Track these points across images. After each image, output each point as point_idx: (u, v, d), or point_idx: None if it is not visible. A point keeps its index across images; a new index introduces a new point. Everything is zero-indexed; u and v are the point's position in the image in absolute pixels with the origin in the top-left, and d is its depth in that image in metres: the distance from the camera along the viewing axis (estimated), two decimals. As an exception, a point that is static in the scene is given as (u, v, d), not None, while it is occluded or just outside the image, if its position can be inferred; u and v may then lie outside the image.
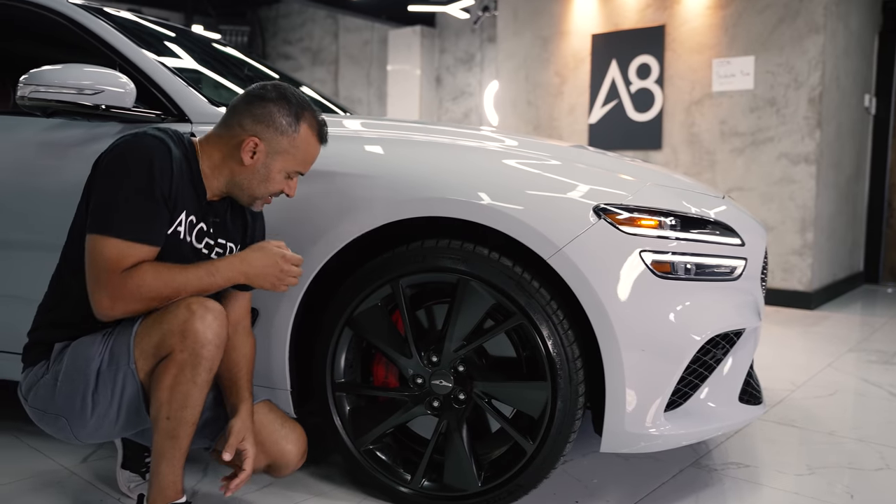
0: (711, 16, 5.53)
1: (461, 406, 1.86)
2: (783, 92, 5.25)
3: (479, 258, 1.79)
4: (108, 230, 1.55)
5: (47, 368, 1.69)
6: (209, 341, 1.57)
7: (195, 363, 1.57)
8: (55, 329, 1.72)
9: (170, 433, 1.60)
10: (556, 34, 6.36)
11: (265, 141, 1.70)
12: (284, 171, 1.73)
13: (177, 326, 1.56)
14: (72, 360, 1.65)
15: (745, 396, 2.04)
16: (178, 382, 1.57)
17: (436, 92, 9.25)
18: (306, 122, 1.73)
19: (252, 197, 1.75)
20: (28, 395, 1.72)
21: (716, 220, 1.91)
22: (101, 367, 1.63)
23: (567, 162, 1.94)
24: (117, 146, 1.62)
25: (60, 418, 1.67)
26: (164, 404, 1.58)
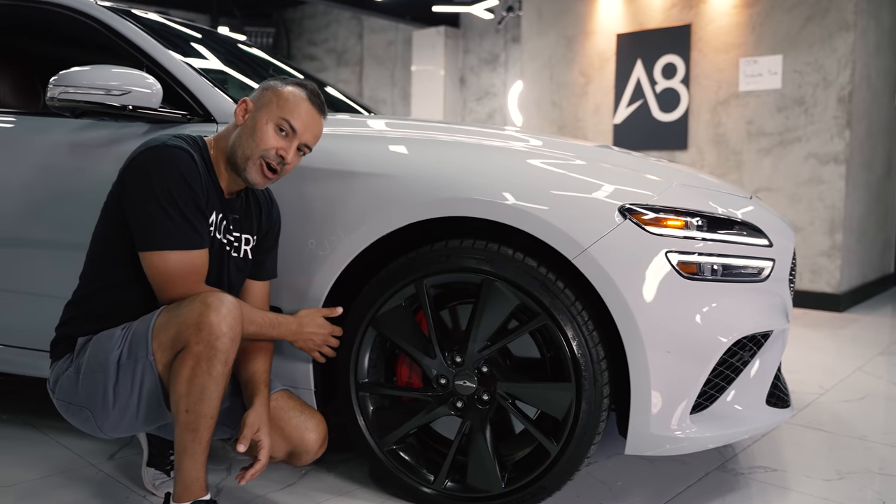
0: (738, 14, 5.47)
1: (485, 407, 1.86)
2: (812, 91, 5.17)
3: (504, 258, 1.78)
4: (164, 245, 1.63)
5: (71, 362, 1.73)
6: (224, 333, 1.58)
7: (210, 356, 1.58)
8: (81, 323, 1.75)
9: (189, 426, 1.62)
10: (580, 34, 6.33)
11: (254, 100, 1.80)
12: (271, 121, 1.76)
13: (192, 319, 1.58)
14: (93, 352, 1.69)
15: (773, 399, 2.01)
16: (195, 375, 1.58)
17: (460, 92, 9.25)
18: (294, 86, 1.80)
19: (244, 156, 1.76)
20: (55, 388, 1.76)
21: (743, 220, 1.88)
22: (121, 359, 1.66)
23: (592, 162, 1.93)
24: (144, 159, 1.67)
25: (84, 410, 1.71)
26: (183, 397, 1.60)
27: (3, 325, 2.33)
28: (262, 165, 1.76)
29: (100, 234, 1.77)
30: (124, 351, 1.66)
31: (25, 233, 2.24)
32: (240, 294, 1.90)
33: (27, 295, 2.27)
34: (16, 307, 2.29)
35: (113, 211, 1.72)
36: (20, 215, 2.24)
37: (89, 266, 1.79)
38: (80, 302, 1.78)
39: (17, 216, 2.25)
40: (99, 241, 1.77)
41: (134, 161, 1.68)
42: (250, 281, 1.92)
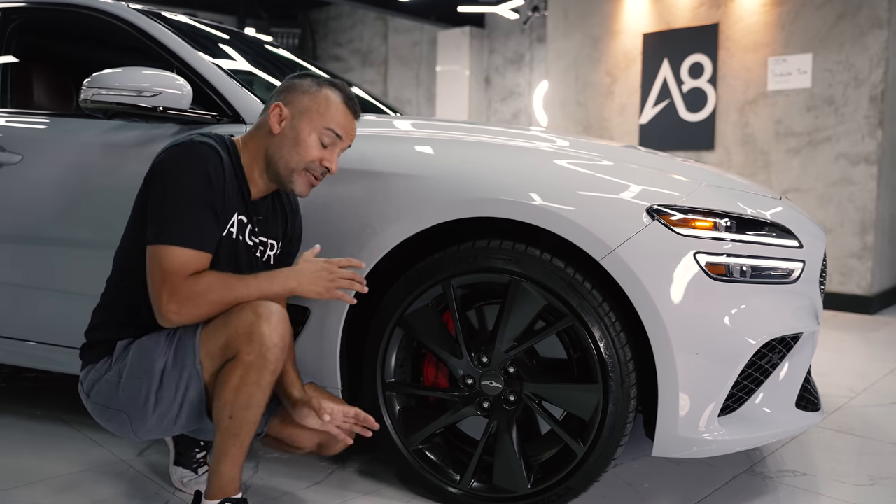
0: (767, 13, 5.41)
1: (511, 407, 1.86)
2: (842, 90, 5.10)
3: (531, 259, 1.78)
4: (171, 239, 1.60)
5: (110, 366, 1.73)
6: (275, 344, 1.60)
7: (261, 366, 1.60)
8: (117, 328, 1.76)
9: (232, 432, 1.63)
10: (606, 34, 6.30)
11: (289, 105, 1.74)
12: (314, 131, 1.72)
13: (243, 329, 1.59)
14: (136, 358, 1.69)
15: (803, 403, 1.99)
16: (244, 384, 1.60)
17: (485, 93, 9.24)
18: (329, 88, 1.76)
19: (288, 169, 1.73)
20: (91, 392, 1.77)
21: (772, 221, 1.87)
22: (167, 367, 1.66)
23: (619, 162, 1.92)
24: (170, 156, 1.66)
25: (122, 414, 1.72)
26: (228, 404, 1.62)
27: (38, 323, 2.37)
28: (309, 178, 1.76)
29: (129, 236, 1.77)
30: (170, 359, 1.67)
31: (59, 232, 2.28)
32: None
33: (61, 293, 2.31)
34: (50, 305, 2.33)
35: (140, 212, 1.72)
36: (54, 214, 2.28)
37: (119, 269, 1.79)
38: (111, 306, 1.78)
39: (52, 215, 2.29)
40: (128, 244, 1.76)
41: (161, 157, 1.67)
42: None
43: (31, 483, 2.05)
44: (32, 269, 2.35)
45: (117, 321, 1.76)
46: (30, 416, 2.59)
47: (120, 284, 1.78)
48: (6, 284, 2.39)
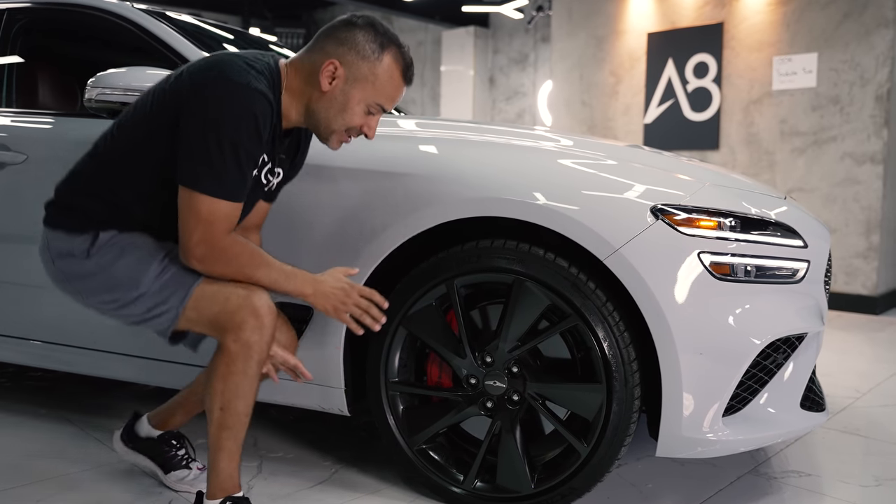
0: (772, 12, 5.40)
1: (515, 407, 1.85)
2: (848, 90, 5.08)
3: (535, 259, 1.78)
4: (214, 191, 1.54)
5: (88, 254, 1.67)
6: (263, 339, 1.62)
7: (247, 356, 1.61)
8: (100, 222, 1.68)
9: (224, 424, 1.65)
10: (611, 33, 6.29)
11: (345, 66, 1.63)
12: (364, 102, 1.65)
13: (236, 313, 1.60)
14: (123, 268, 1.66)
15: (807, 403, 1.98)
16: (231, 373, 1.61)
17: (489, 92, 9.24)
18: (391, 55, 1.66)
19: (329, 129, 1.68)
20: (57, 260, 1.71)
21: (777, 221, 1.86)
22: (148, 292, 1.65)
23: (623, 162, 1.92)
24: (222, 91, 1.52)
25: (82, 291, 1.71)
26: (218, 395, 1.63)
27: (42, 322, 2.38)
28: (344, 138, 1.72)
29: (136, 139, 1.65)
30: (153, 289, 1.64)
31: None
32: None
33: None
34: (54, 304, 2.33)
35: (162, 123, 1.60)
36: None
37: (117, 170, 1.68)
38: (97, 197, 1.68)
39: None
40: (134, 147, 1.65)
41: (210, 89, 1.53)
42: (261, 201, 1.85)
43: (36, 482, 2.05)
44: (36, 268, 2.34)
45: (103, 217, 1.68)
46: (34, 415, 2.60)
47: (117, 188, 1.68)
48: (10, 284, 2.40)
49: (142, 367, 2.25)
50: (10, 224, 2.38)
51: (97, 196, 1.69)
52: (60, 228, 1.70)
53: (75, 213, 1.70)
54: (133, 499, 1.96)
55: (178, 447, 2.03)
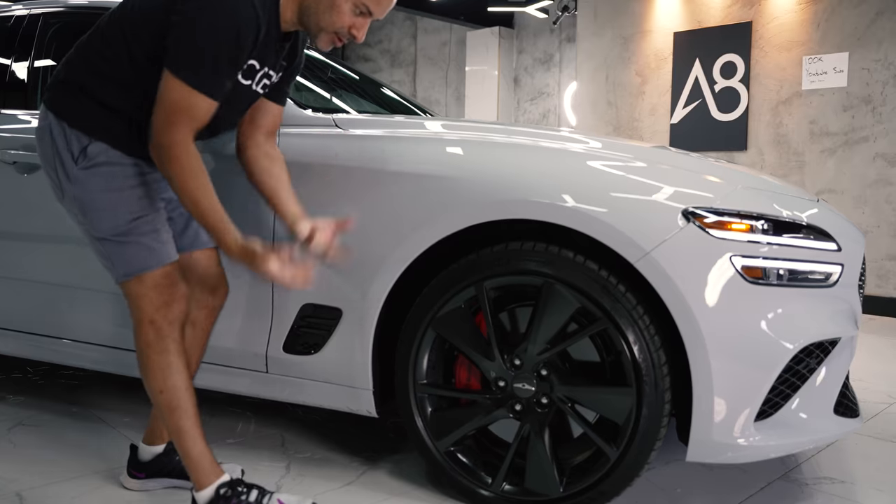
0: (802, 11, 5.33)
1: (543, 410, 1.85)
2: (880, 89, 5.00)
3: (565, 261, 1.77)
4: (191, 80, 1.60)
5: (76, 161, 1.72)
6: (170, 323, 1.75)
7: (159, 336, 1.73)
8: (88, 108, 1.73)
9: (171, 405, 1.74)
10: (637, 33, 6.25)
11: None
12: (350, 2, 1.69)
13: (147, 313, 1.73)
14: (96, 199, 1.72)
15: (841, 409, 1.96)
16: (154, 353, 1.73)
17: (513, 93, 9.22)
18: None
19: (318, 27, 1.73)
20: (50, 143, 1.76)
21: (809, 224, 1.84)
22: (105, 240, 1.74)
23: (653, 163, 1.90)
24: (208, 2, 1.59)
25: (61, 189, 1.77)
26: (150, 379, 1.75)
27: (73, 322, 2.41)
28: (334, 39, 1.75)
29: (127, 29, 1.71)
30: (110, 246, 1.74)
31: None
32: (251, 114, 1.89)
33: (95, 292, 2.34)
34: (85, 304, 2.37)
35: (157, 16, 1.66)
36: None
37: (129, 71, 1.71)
38: (90, 85, 1.73)
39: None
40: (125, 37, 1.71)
41: None
42: (269, 102, 1.90)
43: (71, 479, 2.08)
44: (69, 268, 2.39)
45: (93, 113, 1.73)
46: (67, 413, 2.64)
47: (129, 87, 1.72)
48: (43, 283, 2.43)
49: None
50: (43, 225, 2.41)
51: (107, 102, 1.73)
52: (57, 111, 1.75)
53: (72, 98, 1.75)
54: (167, 495, 1.99)
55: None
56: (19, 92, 2.64)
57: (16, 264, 2.47)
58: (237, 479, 1.77)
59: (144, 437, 2.04)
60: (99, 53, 1.74)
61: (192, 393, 1.76)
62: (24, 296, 2.49)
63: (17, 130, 2.47)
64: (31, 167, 2.37)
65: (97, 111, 1.73)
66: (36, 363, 3.25)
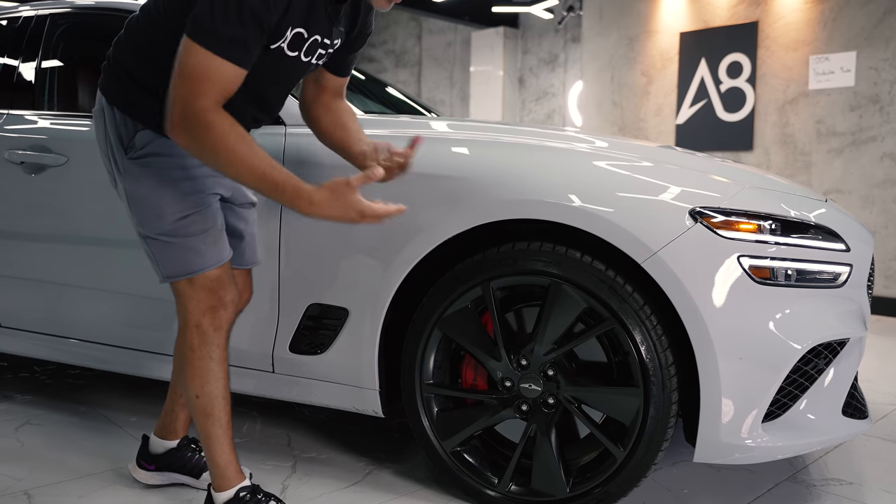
0: (809, 10, 5.31)
1: (550, 410, 1.84)
2: (888, 89, 4.98)
3: (572, 261, 1.77)
4: (213, 46, 1.45)
5: (126, 150, 1.68)
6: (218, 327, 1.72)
7: (204, 342, 1.70)
8: (143, 96, 1.66)
9: (204, 411, 1.72)
10: (642, 33, 6.24)
11: None
12: None
13: (195, 316, 1.70)
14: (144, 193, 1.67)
15: (849, 410, 1.95)
16: (196, 359, 1.70)
17: (518, 93, 9.21)
18: None
19: None
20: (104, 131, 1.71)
21: (818, 224, 1.83)
22: (149, 238, 1.69)
23: (659, 163, 1.90)
24: None
25: (115, 173, 1.73)
26: (190, 383, 1.72)
27: (81, 321, 2.42)
28: None
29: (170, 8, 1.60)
30: (155, 245, 1.68)
31: (103, 231, 2.32)
32: (307, 85, 1.84)
33: (104, 292, 2.35)
34: (93, 304, 2.38)
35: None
36: (98, 215, 2.32)
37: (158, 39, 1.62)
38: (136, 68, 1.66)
39: (95, 215, 2.33)
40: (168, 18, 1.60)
41: None
42: (328, 74, 1.83)
43: (78, 478, 2.09)
44: (76, 268, 2.39)
45: (150, 107, 1.64)
46: (74, 412, 2.65)
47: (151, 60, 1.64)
48: (51, 283, 2.44)
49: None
50: (52, 225, 2.42)
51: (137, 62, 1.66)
52: (108, 95, 1.69)
53: (119, 82, 1.68)
54: (175, 494, 1.99)
55: (198, 450, 2.05)
56: (27, 93, 2.64)
57: (23, 264, 2.48)
58: (257, 485, 1.76)
59: (157, 429, 2.04)
60: (144, 33, 1.67)
61: (228, 401, 1.74)
62: (31, 295, 2.50)
63: (24, 131, 2.48)
64: (38, 167, 2.37)
65: (144, 96, 1.65)
66: (43, 362, 3.26)
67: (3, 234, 2.51)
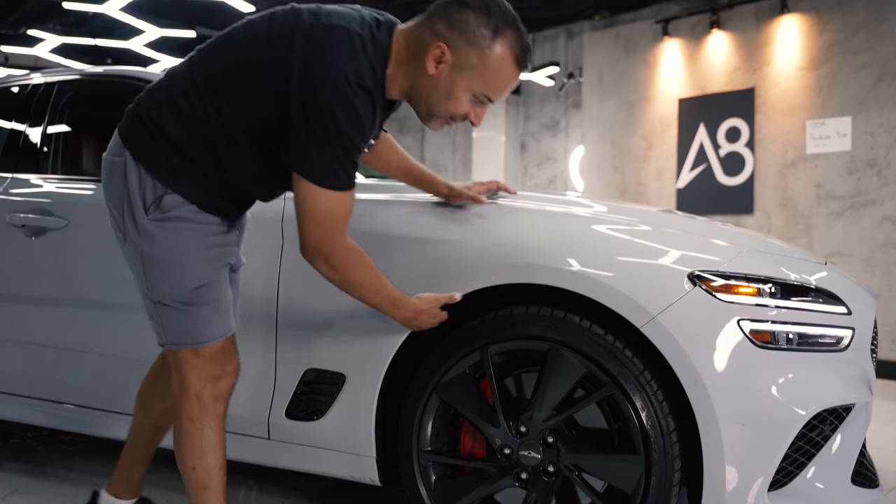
0: (803, 77, 5.41)
1: (550, 478, 1.80)
2: (885, 153, 5.04)
3: (570, 326, 1.75)
4: (334, 184, 1.54)
5: (147, 211, 1.61)
6: (217, 398, 1.68)
7: (203, 412, 1.66)
8: (181, 163, 1.60)
9: (202, 483, 1.67)
10: (641, 99, 6.35)
11: (454, 51, 1.54)
12: (470, 91, 1.57)
13: (195, 388, 1.66)
14: (161, 256, 1.61)
15: (859, 478, 1.89)
16: (195, 429, 1.65)
17: (521, 158, 9.33)
18: (505, 41, 1.55)
19: (430, 113, 1.63)
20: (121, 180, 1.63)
21: (818, 287, 1.82)
22: (159, 304, 1.64)
23: (658, 227, 1.90)
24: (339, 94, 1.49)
25: (123, 230, 1.67)
26: (186, 454, 1.66)
27: (76, 386, 2.39)
28: (447, 122, 1.66)
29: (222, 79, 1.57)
30: (167, 312, 1.64)
31: (100, 295, 2.32)
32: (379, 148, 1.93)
33: (101, 356, 2.33)
34: (89, 368, 2.36)
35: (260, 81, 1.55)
36: (96, 278, 2.32)
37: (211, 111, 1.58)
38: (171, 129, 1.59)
39: (94, 279, 2.33)
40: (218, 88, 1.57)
41: (321, 84, 1.49)
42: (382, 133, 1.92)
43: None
44: (73, 331, 2.38)
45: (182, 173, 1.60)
46: (64, 480, 2.59)
47: (213, 142, 1.60)
48: (46, 347, 2.42)
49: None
50: (50, 288, 2.42)
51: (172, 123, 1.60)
52: (135, 151, 1.62)
53: (152, 140, 1.61)
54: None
55: None
56: (31, 157, 2.68)
57: (19, 327, 2.47)
58: None
59: (111, 486, 1.94)
60: (185, 95, 1.59)
61: (224, 472, 1.70)
62: (26, 359, 2.48)
63: (27, 194, 2.50)
64: (38, 230, 2.39)
65: (177, 160, 1.59)
66: (36, 428, 3.21)
67: (1, 296, 2.51)
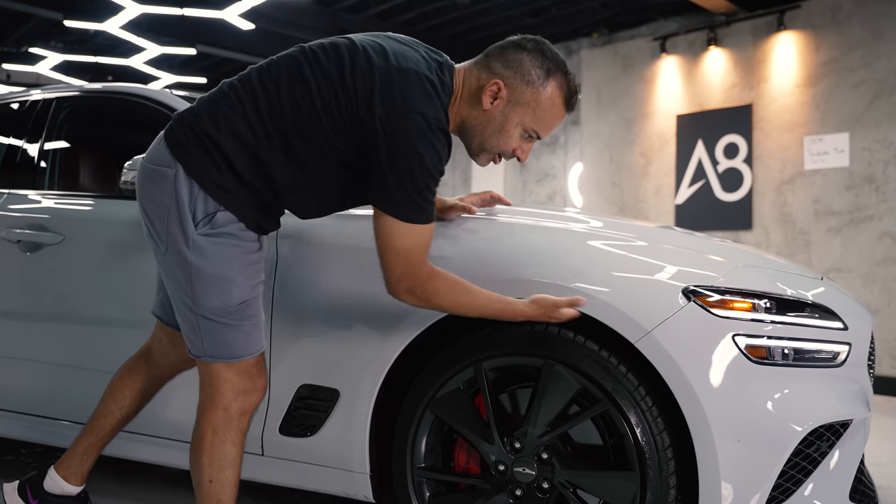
0: (801, 93, 5.43)
1: (545, 495, 1.78)
2: (882, 168, 5.04)
3: (564, 342, 1.75)
4: (418, 219, 1.60)
5: (196, 224, 1.61)
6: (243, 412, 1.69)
7: (226, 425, 1.65)
8: (238, 187, 1.63)
9: (214, 497, 1.65)
10: (640, 115, 6.37)
11: (509, 88, 1.65)
12: (521, 126, 1.67)
13: (226, 398, 1.67)
14: (209, 271, 1.62)
15: (857, 495, 1.88)
16: (219, 442, 1.65)
17: (520, 174, 9.34)
18: (556, 82, 1.67)
19: (482, 147, 1.71)
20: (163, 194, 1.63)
21: (814, 302, 1.81)
22: (201, 316, 1.64)
23: (654, 243, 1.90)
24: (423, 134, 1.56)
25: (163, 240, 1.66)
26: (205, 467, 1.65)
27: (74, 403, 2.38)
28: (495, 158, 1.74)
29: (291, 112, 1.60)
30: (207, 325, 1.64)
31: (97, 311, 2.32)
32: None
33: (97, 373, 2.31)
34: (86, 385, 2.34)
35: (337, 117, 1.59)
36: (92, 294, 2.32)
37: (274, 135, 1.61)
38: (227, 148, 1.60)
39: (90, 295, 2.33)
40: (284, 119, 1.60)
41: (410, 129, 1.55)
42: None
43: (54, 568, 2.01)
44: (70, 348, 2.37)
45: (235, 192, 1.62)
46: (59, 498, 2.56)
47: (268, 167, 1.62)
48: (44, 363, 2.41)
49: (169, 450, 2.22)
50: (46, 304, 2.41)
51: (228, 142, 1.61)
52: (189, 166, 1.61)
53: (209, 158, 1.61)
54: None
55: None
56: (29, 173, 2.68)
57: (14, 343, 2.46)
58: None
59: (60, 466, 1.96)
60: (245, 118, 1.61)
61: (237, 489, 1.69)
62: (21, 375, 2.47)
63: (24, 210, 2.50)
64: (34, 246, 2.38)
65: (239, 188, 1.63)
66: (30, 445, 3.18)
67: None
